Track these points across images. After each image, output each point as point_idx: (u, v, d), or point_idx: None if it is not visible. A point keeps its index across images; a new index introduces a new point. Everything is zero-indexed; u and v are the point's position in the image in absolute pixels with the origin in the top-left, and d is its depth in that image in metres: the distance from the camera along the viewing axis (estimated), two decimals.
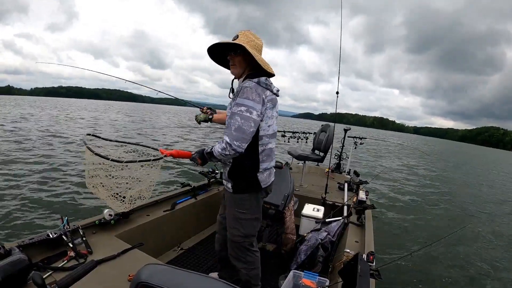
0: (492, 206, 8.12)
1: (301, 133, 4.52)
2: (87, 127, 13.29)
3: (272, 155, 1.54)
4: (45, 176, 5.23)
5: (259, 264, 1.67)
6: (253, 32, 1.44)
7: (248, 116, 1.32)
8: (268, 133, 1.47)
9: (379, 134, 41.59)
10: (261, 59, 1.42)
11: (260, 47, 1.46)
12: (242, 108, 1.33)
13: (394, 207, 6.28)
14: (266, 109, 1.40)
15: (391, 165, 13.33)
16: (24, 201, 4.06)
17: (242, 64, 1.45)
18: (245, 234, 1.55)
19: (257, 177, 1.47)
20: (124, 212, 1.87)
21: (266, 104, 1.40)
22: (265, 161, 1.49)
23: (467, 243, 4.79)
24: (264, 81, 1.40)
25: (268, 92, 1.42)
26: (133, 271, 1.32)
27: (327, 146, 3.50)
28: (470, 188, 10.74)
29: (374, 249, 1.71)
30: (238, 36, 1.42)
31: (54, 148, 7.71)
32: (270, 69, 1.44)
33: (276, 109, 1.50)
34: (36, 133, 10.13)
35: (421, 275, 3.44)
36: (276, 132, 1.57)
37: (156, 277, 0.62)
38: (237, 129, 1.31)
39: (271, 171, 1.57)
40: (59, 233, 1.48)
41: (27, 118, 13.57)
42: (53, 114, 19.38)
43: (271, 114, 1.45)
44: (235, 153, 1.34)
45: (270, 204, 2.31)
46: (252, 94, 1.34)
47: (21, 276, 1.13)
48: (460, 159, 26.51)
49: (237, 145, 1.31)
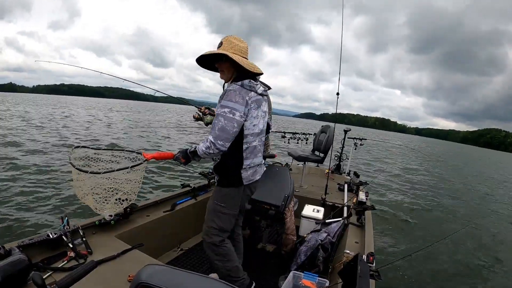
0: (493, 206, 8.12)
1: (301, 134, 4.52)
2: (84, 128, 13.32)
3: (255, 152, 1.60)
4: (45, 176, 5.23)
5: (235, 257, 1.69)
6: (236, 36, 1.54)
7: (231, 117, 1.42)
8: (253, 132, 1.54)
9: (380, 135, 41.58)
10: (245, 61, 1.49)
11: (245, 49, 1.54)
12: (225, 109, 1.42)
13: (394, 208, 6.27)
14: (250, 109, 1.48)
15: (391, 166, 13.33)
16: (24, 201, 4.06)
17: (229, 70, 1.53)
18: (220, 227, 1.61)
19: (240, 173, 1.54)
20: (124, 213, 1.87)
21: (250, 105, 1.47)
22: (248, 158, 1.55)
23: (467, 243, 4.79)
24: (247, 84, 1.48)
25: (252, 93, 1.49)
26: (133, 272, 1.32)
27: (327, 147, 3.50)
28: (470, 188, 10.74)
29: (374, 250, 1.71)
30: (222, 43, 1.51)
31: (53, 148, 7.72)
32: (256, 70, 1.52)
33: (262, 108, 1.58)
34: (34, 132, 10.15)
35: (421, 276, 3.44)
36: (264, 130, 1.64)
37: (156, 277, 0.62)
38: (221, 129, 1.41)
39: (256, 169, 1.63)
40: (59, 234, 1.48)
41: (24, 117, 13.62)
42: (50, 112, 19.33)
43: (256, 114, 1.52)
44: (218, 151, 1.43)
45: (270, 205, 2.31)
46: (236, 97, 1.43)
47: (21, 277, 1.13)
48: (461, 161, 26.44)
49: (220, 144, 1.41)
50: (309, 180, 3.70)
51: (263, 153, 1.72)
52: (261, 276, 2.09)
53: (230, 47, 1.49)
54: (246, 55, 1.54)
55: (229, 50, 1.47)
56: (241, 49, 1.51)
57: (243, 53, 1.52)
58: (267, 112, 1.69)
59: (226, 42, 1.50)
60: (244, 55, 1.53)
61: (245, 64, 1.47)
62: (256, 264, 2.26)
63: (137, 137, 12.15)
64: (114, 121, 19.09)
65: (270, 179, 2.51)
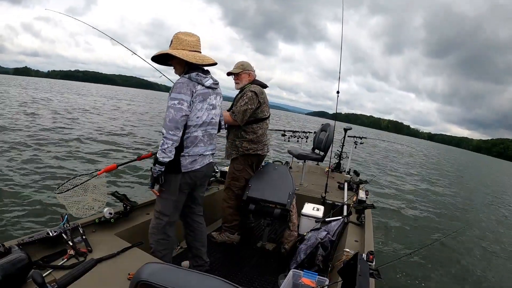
0: (493, 207, 8.13)
1: (301, 132, 4.52)
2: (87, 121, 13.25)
3: (197, 142, 1.63)
4: (45, 174, 5.23)
5: (171, 252, 1.79)
6: (186, 31, 1.63)
7: (179, 108, 1.49)
8: (196, 123, 1.60)
9: (393, 138, 41.35)
10: (191, 54, 1.56)
11: (194, 43, 1.60)
12: (175, 101, 1.50)
13: (394, 207, 6.29)
14: (194, 102, 1.56)
15: (392, 165, 13.34)
16: (23, 199, 4.06)
17: (180, 65, 1.62)
18: (160, 211, 1.67)
19: (179, 160, 1.59)
20: (124, 211, 1.88)
21: (195, 97, 1.56)
22: (188, 147, 1.61)
23: (467, 243, 4.80)
24: (194, 76, 1.56)
25: (199, 86, 1.58)
26: (133, 270, 1.32)
27: (327, 146, 3.50)
28: (470, 189, 10.75)
29: (373, 249, 1.71)
30: (172, 41, 1.60)
31: (53, 144, 7.70)
32: (206, 61, 1.59)
33: (209, 101, 1.64)
34: (34, 127, 10.12)
35: (420, 275, 3.45)
36: (211, 122, 1.69)
37: (156, 275, 0.62)
38: (171, 120, 1.49)
39: (197, 159, 1.65)
40: (59, 231, 1.48)
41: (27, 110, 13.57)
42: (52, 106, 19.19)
43: (200, 107, 1.59)
44: (172, 142, 1.49)
45: (276, 203, 2.31)
46: (183, 89, 1.51)
47: (21, 275, 1.13)
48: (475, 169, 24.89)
49: (171, 133, 1.48)
50: (309, 179, 3.70)
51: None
52: (261, 274, 2.10)
53: (178, 43, 1.58)
54: (197, 48, 1.61)
55: (177, 47, 1.57)
56: (189, 43, 1.58)
57: (192, 47, 1.59)
58: (218, 106, 1.76)
59: (175, 39, 1.59)
60: (194, 49, 1.60)
61: (189, 57, 1.54)
62: (255, 262, 2.27)
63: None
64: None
65: (271, 178, 2.51)
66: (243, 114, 2.26)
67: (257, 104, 2.31)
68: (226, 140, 2.49)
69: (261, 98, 2.33)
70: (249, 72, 2.42)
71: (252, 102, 2.27)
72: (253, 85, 2.36)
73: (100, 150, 7.44)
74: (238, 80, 2.41)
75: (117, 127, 11.98)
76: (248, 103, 2.26)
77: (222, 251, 2.37)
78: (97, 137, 9.02)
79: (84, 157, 6.55)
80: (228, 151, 2.46)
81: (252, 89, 2.30)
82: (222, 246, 2.44)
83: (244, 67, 2.40)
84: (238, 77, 2.41)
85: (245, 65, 2.41)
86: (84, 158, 6.51)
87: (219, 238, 2.49)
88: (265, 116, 2.42)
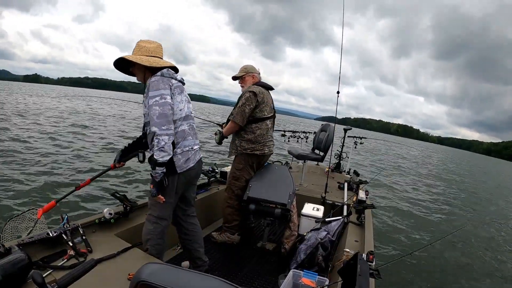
0: (493, 207, 8.13)
1: (301, 133, 4.52)
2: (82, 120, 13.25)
3: (185, 135, 1.63)
4: (44, 175, 5.23)
5: (163, 255, 1.75)
6: (148, 39, 1.68)
7: (164, 102, 1.48)
8: (181, 116, 1.61)
9: (402, 142, 41.16)
10: (142, 58, 1.57)
11: (153, 49, 1.64)
12: (156, 98, 1.48)
13: (394, 207, 6.28)
14: (174, 94, 1.57)
15: (392, 165, 13.34)
16: (23, 199, 4.06)
17: (140, 70, 1.63)
18: (158, 215, 1.64)
19: (173, 161, 1.55)
20: (124, 211, 1.89)
21: (173, 90, 1.56)
22: (179, 142, 1.60)
23: (467, 242, 4.80)
24: (166, 72, 1.57)
25: (173, 80, 1.60)
26: (133, 270, 1.32)
27: (327, 146, 3.50)
28: (470, 189, 10.75)
29: (373, 249, 1.71)
30: (134, 49, 1.64)
31: (53, 145, 7.70)
32: (160, 63, 1.60)
33: (184, 94, 1.66)
34: (35, 129, 10.13)
35: (421, 275, 3.45)
36: (190, 115, 1.70)
37: (156, 275, 0.62)
38: (159, 116, 1.46)
39: (189, 155, 1.64)
40: (59, 232, 1.48)
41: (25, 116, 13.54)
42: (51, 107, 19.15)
43: (180, 99, 1.61)
44: (168, 137, 1.46)
45: (277, 203, 2.31)
46: (160, 84, 1.51)
47: (21, 275, 1.13)
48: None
49: (165, 128, 1.45)
50: (309, 179, 3.70)
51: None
52: (261, 274, 2.10)
53: (137, 50, 1.62)
54: (157, 53, 1.65)
55: (137, 53, 1.61)
56: (148, 49, 1.62)
57: (152, 52, 1.63)
58: (189, 100, 1.75)
59: (136, 47, 1.64)
60: (154, 54, 1.63)
61: (143, 60, 1.55)
62: (256, 262, 2.27)
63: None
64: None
65: (271, 178, 2.51)
66: (242, 114, 2.30)
67: (256, 103, 2.32)
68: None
69: (260, 97, 2.34)
70: (253, 74, 2.47)
71: (250, 102, 2.30)
72: (254, 86, 2.38)
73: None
74: (243, 83, 2.49)
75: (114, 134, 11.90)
76: (245, 104, 2.30)
77: (222, 251, 2.37)
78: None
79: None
80: (230, 149, 2.52)
81: (250, 90, 2.32)
82: (222, 246, 2.44)
83: (247, 70, 2.47)
84: (243, 80, 2.49)
85: (248, 68, 2.48)
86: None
87: (219, 238, 2.49)
88: (264, 116, 2.42)
